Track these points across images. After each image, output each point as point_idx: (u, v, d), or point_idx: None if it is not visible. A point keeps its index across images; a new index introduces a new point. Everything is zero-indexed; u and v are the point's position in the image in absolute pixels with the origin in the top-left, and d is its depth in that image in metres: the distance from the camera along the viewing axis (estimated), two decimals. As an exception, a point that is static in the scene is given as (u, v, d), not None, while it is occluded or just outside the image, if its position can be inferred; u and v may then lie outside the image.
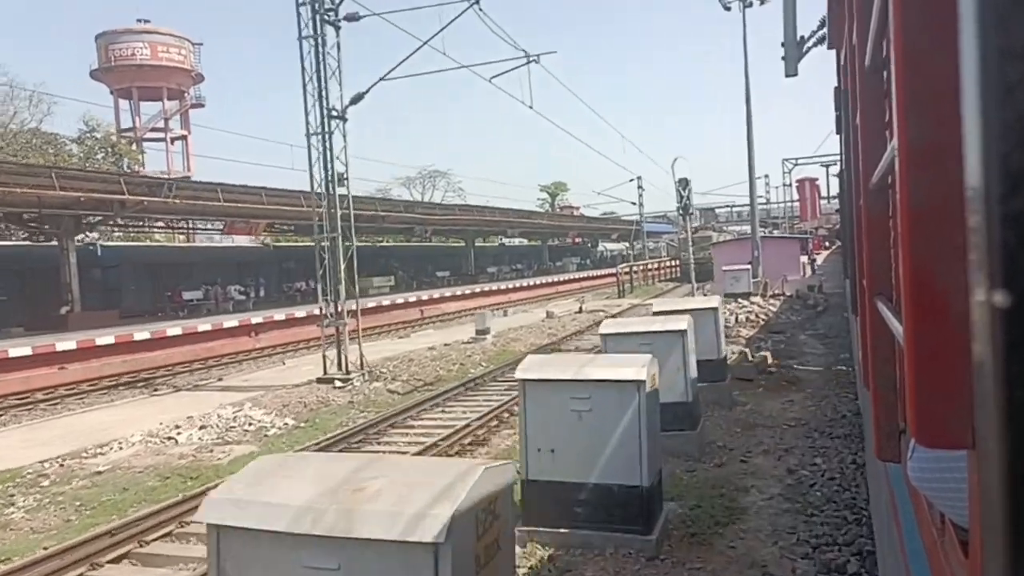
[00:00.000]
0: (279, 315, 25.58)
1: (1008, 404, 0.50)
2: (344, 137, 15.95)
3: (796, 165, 66.12)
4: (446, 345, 20.66)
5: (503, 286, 42.30)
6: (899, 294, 1.56)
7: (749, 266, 26.76)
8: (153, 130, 67.95)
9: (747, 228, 33.03)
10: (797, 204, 76.00)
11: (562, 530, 5.56)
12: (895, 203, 1.70)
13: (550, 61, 52.54)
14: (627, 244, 64.00)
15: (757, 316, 20.63)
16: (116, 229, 35.60)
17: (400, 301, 32.73)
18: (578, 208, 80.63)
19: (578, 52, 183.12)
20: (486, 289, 39.96)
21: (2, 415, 15.12)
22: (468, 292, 37.89)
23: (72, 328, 21.72)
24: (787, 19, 12.39)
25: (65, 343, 18.59)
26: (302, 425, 12.28)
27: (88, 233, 35.70)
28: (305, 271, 31.60)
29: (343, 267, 15.88)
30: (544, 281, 47.48)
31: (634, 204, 53.60)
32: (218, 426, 12.16)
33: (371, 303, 31.01)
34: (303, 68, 15.54)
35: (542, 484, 5.63)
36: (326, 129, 15.70)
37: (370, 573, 2.52)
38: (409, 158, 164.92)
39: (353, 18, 15.62)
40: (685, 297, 20.11)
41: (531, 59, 16.21)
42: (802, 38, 12.46)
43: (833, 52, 8.37)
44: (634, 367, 5.54)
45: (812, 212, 74.85)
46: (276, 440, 11.35)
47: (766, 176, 74.72)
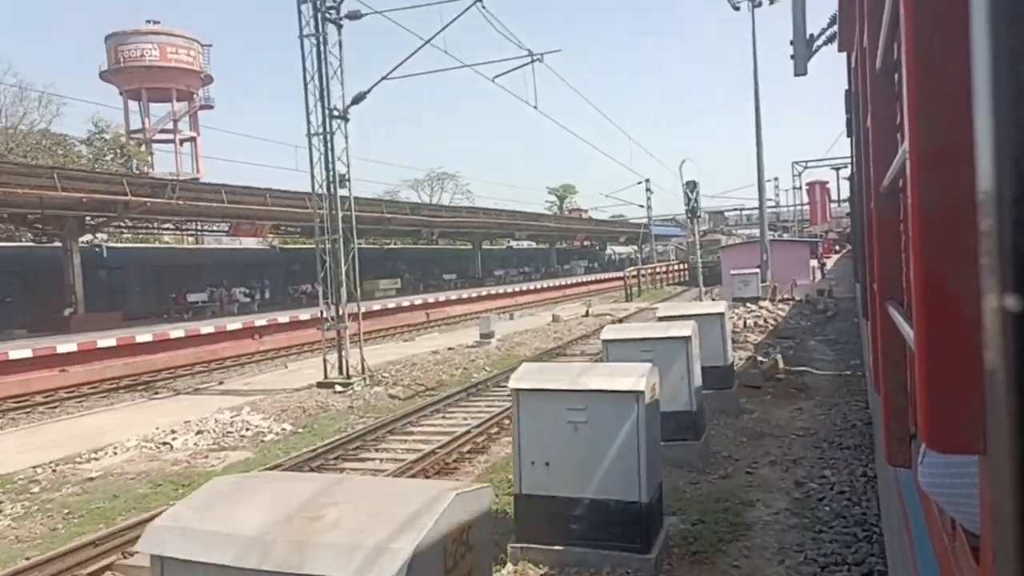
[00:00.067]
0: (283, 318, 25.42)
1: (1020, 409, 0.51)
2: (346, 137, 15.77)
3: (806, 168, 65.54)
4: (450, 349, 20.44)
5: (509, 289, 42.04)
6: (910, 298, 1.53)
7: (758, 270, 26.38)
8: (162, 131, 68.14)
9: (756, 231, 32.64)
10: (807, 207, 75.37)
11: (556, 547, 5.30)
12: (906, 206, 1.68)
13: (556, 63, 52.25)
14: (636, 247, 63.72)
15: (766, 321, 20.29)
16: (126, 231, 35.55)
17: (405, 304, 32.52)
18: (586, 211, 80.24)
19: (585, 53, 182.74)
20: (492, 292, 39.70)
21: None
22: (474, 295, 37.65)
23: (75, 330, 21.61)
24: (796, 16, 12.10)
25: (66, 345, 18.46)
26: (300, 431, 12.07)
27: (96, 234, 35.70)
28: (311, 273, 31.35)
29: (344, 270, 15.68)
30: (551, 284, 47.19)
31: (642, 207, 53.36)
32: (215, 431, 11.96)
33: (376, 306, 30.84)
34: (304, 67, 15.38)
35: (536, 499, 5.37)
36: (327, 129, 15.51)
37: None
38: (417, 160, 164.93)
39: (355, 16, 15.44)
40: (692, 302, 19.83)
41: (535, 58, 15.97)
42: (811, 36, 12.16)
43: (843, 53, 8.21)
44: (632, 377, 5.27)
45: (822, 215, 74.17)
46: (272, 446, 11.13)
47: (776, 179, 74.23)
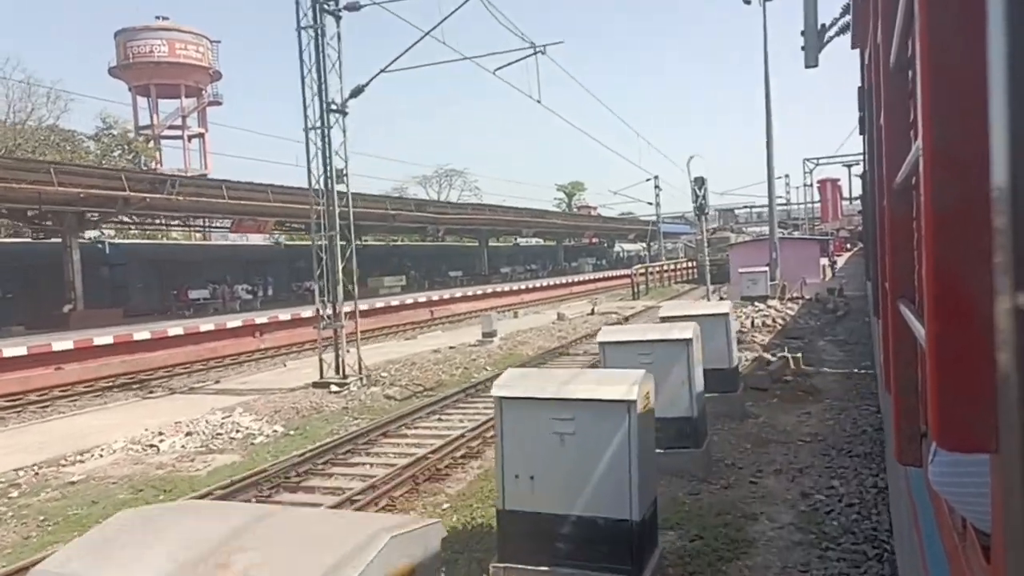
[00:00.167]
0: (284, 315, 25.11)
1: None
2: (344, 132, 15.41)
3: (817, 165, 64.65)
4: (451, 348, 20.09)
5: (515, 287, 41.64)
6: (922, 296, 1.52)
7: (767, 268, 25.87)
8: (171, 127, 68.11)
9: (766, 229, 32.10)
10: (818, 205, 74.57)
11: (541, 568, 4.92)
12: (919, 204, 1.65)
13: (563, 58, 51.73)
14: (644, 245, 63.20)
15: (774, 321, 19.82)
16: (133, 227, 35.30)
17: (409, 301, 32.18)
18: (595, 208, 79.70)
19: (589, 52, 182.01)
20: (498, 290, 39.31)
21: (-9, 417, 14.75)
22: (479, 292, 37.26)
23: (74, 327, 21.37)
24: (807, 6, 11.63)
25: (62, 343, 18.20)
26: (291, 433, 11.73)
27: (103, 230, 35.46)
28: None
29: (341, 267, 15.35)
30: (558, 282, 46.75)
31: (651, 204, 52.87)
32: (204, 433, 11.65)
33: (380, 303, 30.53)
34: (301, 60, 15.03)
35: (519, 515, 4.99)
36: (325, 123, 15.17)
37: None
38: (425, 157, 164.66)
39: (353, 7, 15.08)
40: (697, 301, 19.38)
41: (538, 50, 15.56)
42: (823, 26, 11.71)
43: (856, 49, 7.97)
44: (624, 385, 4.89)
45: (834, 213, 73.41)
46: (261, 449, 10.80)
47: (786, 176, 73.47)
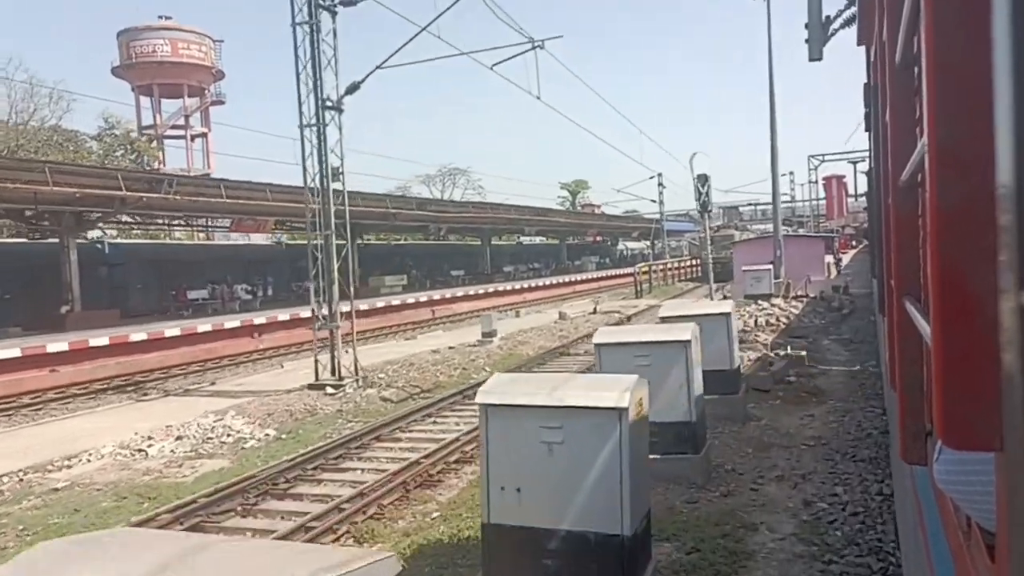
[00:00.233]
0: (283, 315, 24.89)
1: None
2: (340, 129, 15.17)
3: (823, 162, 64.40)
4: (451, 348, 19.85)
5: (518, 285, 41.36)
6: (927, 294, 1.51)
7: (771, 266, 25.57)
8: (174, 127, 68.05)
9: (771, 227, 31.80)
10: (823, 202, 74.15)
11: (528, 585, 4.67)
12: (924, 202, 1.64)
13: (566, 56, 51.44)
14: (648, 243, 62.89)
15: (778, 319, 19.52)
16: (134, 227, 35.08)
17: (411, 301, 31.93)
18: (599, 206, 79.33)
19: (595, 47, 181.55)
20: (500, 289, 39.03)
21: (-18, 420, 14.55)
22: (481, 292, 36.99)
23: (71, 328, 21.17)
24: (811, -3, 11.34)
25: (56, 344, 17.99)
26: (283, 437, 11.49)
27: (105, 230, 35.22)
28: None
29: (337, 266, 15.11)
30: (561, 281, 46.46)
31: (654, 202, 52.57)
32: (195, 437, 11.42)
33: (380, 303, 30.29)
34: (296, 56, 14.80)
35: (505, 529, 4.73)
36: (321, 120, 14.93)
37: None
38: (427, 156, 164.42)
39: (350, 2, 14.83)
40: (698, 301, 19.09)
41: (536, 44, 15.29)
42: (827, 18, 11.40)
43: (861, 46, 7.77)
44: (615, 391, 4.62)
45: (839, 210, 73.02)
46: (252, 454, 10.56)
47: (791, 173, 72.95)
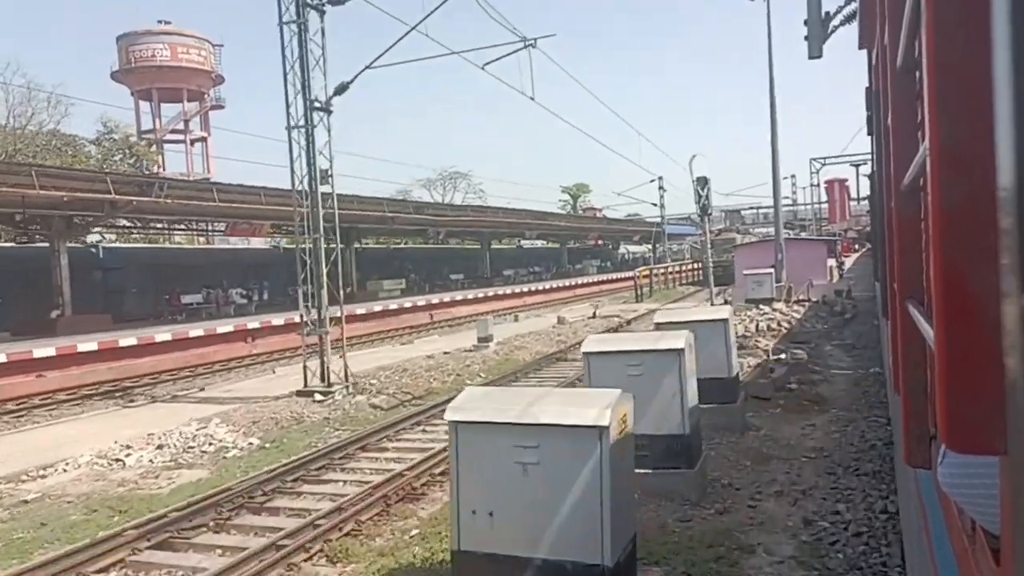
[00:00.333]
0: (278, 320, 24.54)
1: None
2: (328, 131, 14.84)
3: (824, 165, 63.84)
4: (446, 353, 19.47)
5: (517, 289, 40.99)
6: (930, 297, 1.46)
7: (772, 270, 25.18)
8: (173, 132, 67.91)
9: (773, 230, 31.44)
10: (826, 205, 73.71)
11: (501, 617, 4.31)
12: (927, 205, 1.66)
13: (562, 57, 51.20)
14: (649, 246, 62.52)
15: (779, 324, 19.14)
16: (133, 231, 34.73)
17: (408, 305, 31.57)
18: (601, 210, 78.93)
19: (592, 49, 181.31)
20: (499, 292, 38.66)
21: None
22: (480, 296, 36.63)
23: (61, 333, 20.86)
24: (810, -9, 11.00)
25: (43, 350, 17.66)
26: (267, 446, 11.14)
27: (103, 235, 34.85)
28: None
29: (326, 270, 14.77)
30: (561, 284, 46.09)
31: (655, 205, 52.22)
32: (175, 445, 11.07)
33: (377, 307, 29.96)
34: (284, 56, 14.47)
35: (476, 557, 4.37)
36: (309, 122, 14.60)
37: None
38: (422, 158, 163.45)
39: (338, 1, 14.51)
40: (696, 306, 18.74)
41: (528, 43, 14.95)
42: (827, 15, 11.06)
43: (863, 50, 7.55)
44: (596, 408, 4.26)
45: (841, 213, 72.59)
46: (232, 464, 10.20)
47: (793, 176, 72.53)
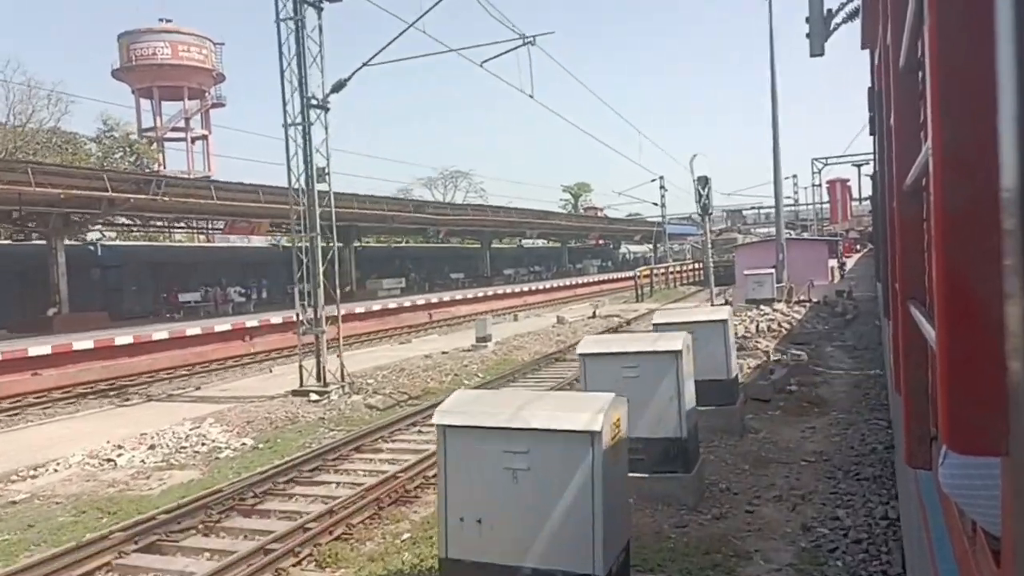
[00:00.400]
0: (276, 318, 24.41)
1: None
2: (326, 128, 14.71)
3: (826, 165, 63.60)
4: (444, 353, 19.35)
5: (517, 289, 40.86)
6: (932, 298, 1.44)
7: (773, 270, 25.04)
8: (174, 130, 67.85)
9: (775, 230, 31.30)
10: (827, 205, 73.44)
11: (489, 628, 4.18)
12: (929, 206, 1.65)
13: (563, 57, 51.08)
14: (650, 246, 62.36)
15: (780, 325, 19.00)
16: (134, 229, 34.61)
17: (407, 304, 31.45)
18: (602, 209, 78.73)
19: (592, 48, 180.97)
20: (499, 292, 38.52)
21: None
22: (480, 295, 36.51)
23: (58, 331, 20.78)
24: (812, -12, 10.86)
25: (39, 348, 17.55)
26: (260, 446, 11.01)
27: (103, 232, 34.71)
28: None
29: (323, 269, 14.65)
30: (561, 284, 45.96)
31: (656, 205, 52.07)
32: (168, 446, 10.95)
33: (376, 306, 29.84)
34: (281, 53, 14.35)
35: (465, 565, 4.25)
36: (306, 119, 14.48)
37: None
38: (422, 156, 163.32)
39: (335, -2, 14.39)
40: (696, 307, 18.60)
41: (527, 40, 14.81)
42: (829, 12, 10.92)
43: (866, 50, 7.59)
44: (588, 412, 4.13)
45: (843, 214, 72.33)
46: (224, 464, 10.08)
47: (794, 176, 72.39)
